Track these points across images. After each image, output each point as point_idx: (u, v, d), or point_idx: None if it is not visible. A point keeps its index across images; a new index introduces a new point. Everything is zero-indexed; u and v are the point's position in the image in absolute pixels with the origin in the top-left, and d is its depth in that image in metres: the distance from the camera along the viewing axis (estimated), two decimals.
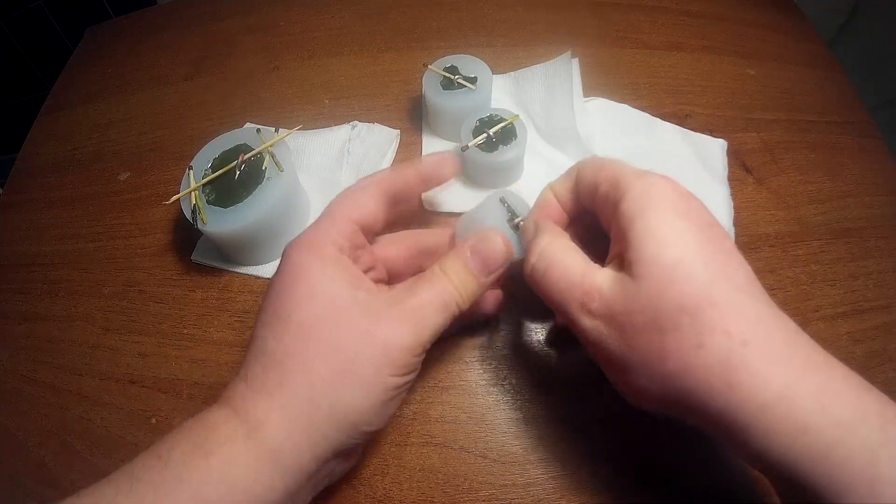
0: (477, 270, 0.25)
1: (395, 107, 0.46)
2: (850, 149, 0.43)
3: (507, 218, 0.29)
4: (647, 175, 0.23)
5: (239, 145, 0.36)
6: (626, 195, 0.22)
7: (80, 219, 0.43)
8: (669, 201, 0.21)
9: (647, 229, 0.21)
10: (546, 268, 0.24)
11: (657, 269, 0.20)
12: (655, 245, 0.20)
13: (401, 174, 0.29)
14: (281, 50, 0.52)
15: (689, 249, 0.20)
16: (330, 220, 0.26)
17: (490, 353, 0.34)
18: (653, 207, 0.21)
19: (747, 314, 0.19)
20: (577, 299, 0.22)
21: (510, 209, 0.29)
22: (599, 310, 0.22)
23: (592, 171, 0.25)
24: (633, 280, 0.21)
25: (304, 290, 0.23)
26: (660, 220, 0.21)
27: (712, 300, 0.19)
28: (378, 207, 0.27)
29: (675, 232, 0.21)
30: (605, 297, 0.21)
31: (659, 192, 0.22)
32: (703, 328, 0.19)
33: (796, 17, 0.53)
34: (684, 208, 0.21)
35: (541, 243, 0.25)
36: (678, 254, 0.20)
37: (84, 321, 0.38)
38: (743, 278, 0.20)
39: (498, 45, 0.50)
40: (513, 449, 0.30)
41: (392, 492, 0.29)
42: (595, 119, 0.43)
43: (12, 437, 0.34)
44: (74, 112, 0.52)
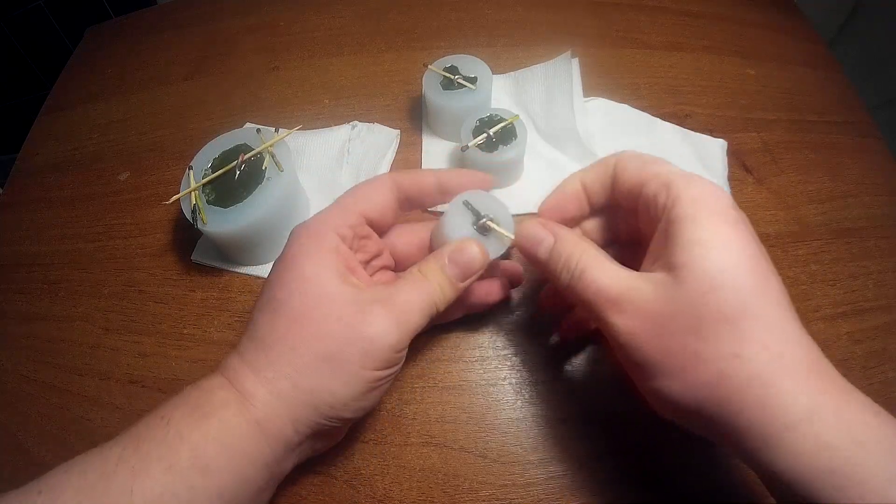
0: (454, 277, 0.26)
1: (395, 107, 0.46)
2: (850, 149, 0.43)
3: (472, 221, 0.28)
4: (698, 180, 0.23)
5: (239, 145, 0.36)
6: (680, 199, 0.22)
7: (80, 219, 0.43)
8: (721, 210, 0.22)
9: (698, 235, 0.21)
10: (582, 274, 0.24)
11: (704, 274, 0.20)
12: (704, 251, 0.21)
13: (419, 178, 0.29)
14: (281, 50, 0.52)
15: (735, 260, 0.20)
16: (338, 208, 0.27)
17: (490, 353, 0.34)
18: (704, 214, 0.21)
19: (784, 330, 0.20)
20: (611, 300, 0.22)
21: (474, 211, 0.28)
22: (634, 311, 0.22)
23: (637, 167, 0.25)
24: (676, 283, 0.21)
25: (297, 280, 0.24)
26: (710, 228, 0.21)
27: (754, 312, 0.20)
28: (388, 204, 0.28)
29: (723, 241, 0.21)
30: (643, 298, 0.22)
31: (711, 199, 0.22)
32: (742, 338, 0.19)
33: (796, 17, 0.53)
34: (733, 219, 0.21)
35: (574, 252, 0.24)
36: (725, 263, 0.20)
37: (84, 321, 0.38)
38: (780, 295, 0.21)
39: (498, 45, 0.50)
40: (513, 449, 0.30)
41: (392, 492, 0.29)
42: (595, 119, 0.43)
43: (12, 437, 0.34)
44: (74, 112, 0.52)
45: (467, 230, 0.28)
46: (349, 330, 0.23)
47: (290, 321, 0.24)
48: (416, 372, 0.33)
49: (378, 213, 0.28)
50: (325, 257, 0.25)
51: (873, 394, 0.20)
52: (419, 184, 0.29)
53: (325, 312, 0.23)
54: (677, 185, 0.22)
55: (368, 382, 0.24)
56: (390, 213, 0.29)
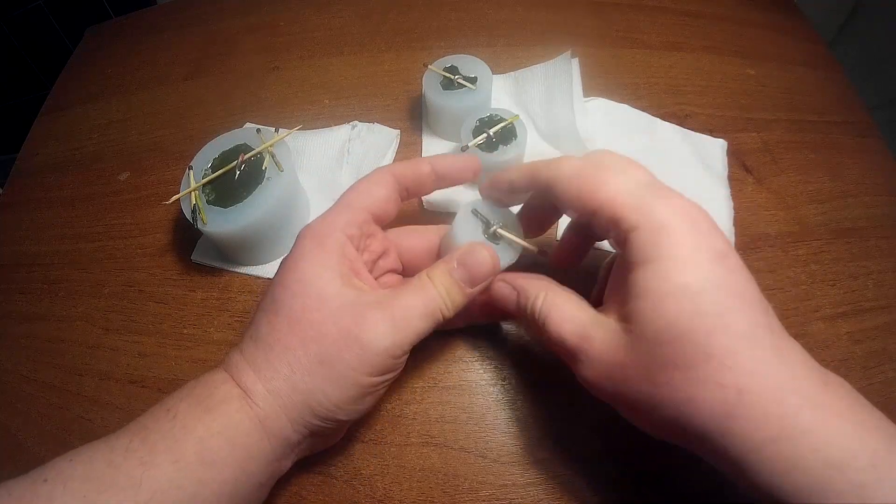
0: (463, 282, 0.26)
1: (395, 107, 0.46)
2: (850, 149, 0.43)
3: (483, 229, 0.28)
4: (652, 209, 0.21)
5: (239, 145, 0.36)
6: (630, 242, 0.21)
7: (80, 219, 0.43)
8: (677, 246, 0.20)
9: (648, 284, 0.20)
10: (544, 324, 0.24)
11: (652, 328, 0.20)
12: (653, 304, 0.20)
13: (416, 168, 0.29)
14: (281, 50, 0.52)
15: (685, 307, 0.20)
16: (344, 207, 0.27)
17: (490, 353, 0.34)
18: (656, 258, 0.20)
19: (742, 364, 0.19)
20: (569, 351, 0.23)
21: (483, 219, 0.28)
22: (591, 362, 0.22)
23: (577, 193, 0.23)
24: (628, 335, 0.21)
25: (299, 283, 0.25)
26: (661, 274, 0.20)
27: (708, 355, 0.19)
28: (391, 198, 0.29)
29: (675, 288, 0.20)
30: (598, 349, 0.22)
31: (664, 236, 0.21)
32: (696, 383, 0.19)
33: (796, 17, 0.53)
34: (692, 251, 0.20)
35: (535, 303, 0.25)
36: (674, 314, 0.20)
37: (84, 321, 0.38)
38: (745, 323, 0.20)
39: (498, 45, 0.50)
40: (513, 449, 0.30)
41: (392, 492, 0.29)
42: (595, 119, 0.43)
43: (12, 437, 0.34)
44: (74, 112, 0.52)
45: (478, 239, 0.28)
46: (345, 333, 0.23)
47: (290, 322, 0.24)
48: (416, 372, 0.33)
49: (382, 208, 0.28)
50: (328, 259, 0.25)
51: (873, 394, 0.20)
52: (416, 173, 0.29)
53: (323, 315, 0.24)
54: (626, 221, 0.21)
55: (363, 387, 0.24)
56: (393, 206, 0.29)
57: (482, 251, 0.26)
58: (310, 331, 0.23)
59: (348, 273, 0.25)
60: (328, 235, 0.26)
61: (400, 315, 0.24)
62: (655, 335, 0.20)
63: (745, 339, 0.19)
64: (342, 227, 0.26)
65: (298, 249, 0.26)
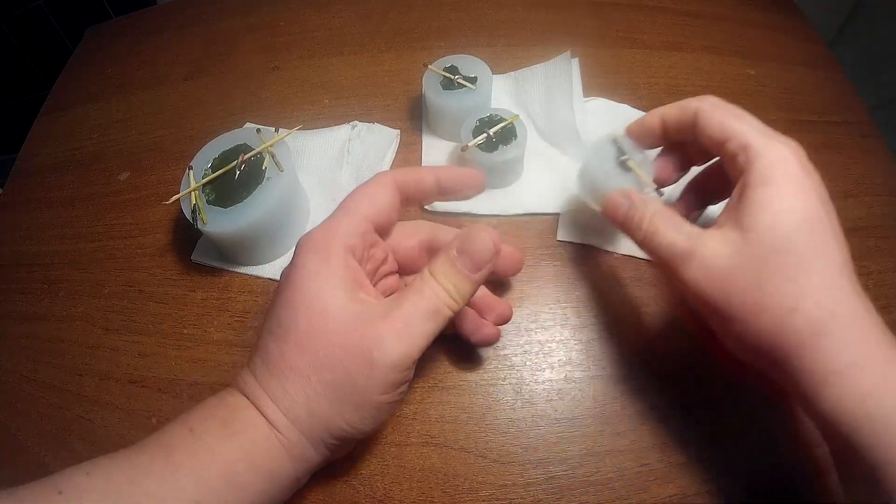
0: (467, 268, 0.25)
1: (395, 107, 0.46)
2: (850, 149, 0.43)
3: (615, 156, 0.32)
4: (773, 143, 0.24)
5: (239, 145, 0.36)
6: (755, 163, 0.24)
7: (80, 219, 0.43)
8: (791, 174, 0.24)
9: (766, 198, 0.23)
10: (654, 232, 0.26)
11: (768, 234, 0.23)
12: (770, 213, 0.23)
13: (418, 177, 0.29)
14: (281, 50, 0.52)
15: (797, 225, 0.23)
16: (346, 215, 0.26)
17: (490, 353, 0.34)
18: (775, 178, 0.23)
19: (838, 289, 0.22)
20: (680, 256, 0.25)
21: (619, 149, 0.32)
22: (702, 263, 0.24)
23: (719, 121, 0.26)
24: (744, 243, 0.23)
25: (303, 304, 0.24)
26: (779, 191, 0.23)
27: (810, 273, 0.22)
28: (392, 205, 0.28)
29: (789, 205, 0.23)
30: (710, 253, 0.24)
31: (783, 164, 0.24)
32: (799, 294, 0.22)
33: (796, 17, 0.53)
34: (803, 184, 0.23)
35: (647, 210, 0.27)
36: (788, 228, 0.23)
37: (84, 321, 0.38)
38: (840, 258, 0.23)
39: (498, 45, 0.50)
40: (513, 449, 0.30)
41: (392, 492, 0.29)
42: (595, 119, 0.43)
43: (12, 437, 0.34)
44: (74, 112, 0.52)
45: (608, 165, 0.32)
46: (354, 354, 0.23)
47: (299, 348, 0.24)
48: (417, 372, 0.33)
49: (384, 216, 0.27)
50: (331, 274, 0.24)
51: None
52: (419, 182, 0.29)
53: (330, 338, 0.23)
54: (754, 149, 0.24)
55: (379, 406, 0.24)
56: (394, 214, 0.28)
57: (480, 233, 0.25)
58: (320, 355, 0.23)
59: (352, 286, 0.25)
60: (330, 247, 0.25)
61: (403, 323, 0.23)
62: (771, 243, 0.22)
63: (839, 271, 0.22)
64: (343, 238, 0.25)
65: (300, 263, 0.25)
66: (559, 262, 0.37)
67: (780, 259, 0.22)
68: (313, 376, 0.23)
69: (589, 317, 0.35)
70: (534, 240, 0.38)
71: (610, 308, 0.35)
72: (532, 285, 0.36)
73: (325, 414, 0.23)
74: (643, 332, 0.34)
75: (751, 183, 0.24)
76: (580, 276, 0.36)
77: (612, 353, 0.33)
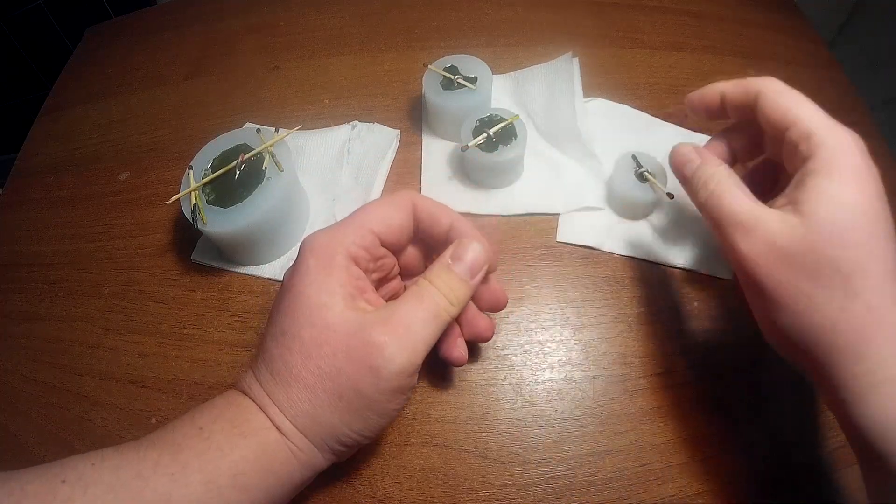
0: (463, 273, 0.26)
1: (395, 107, 0.46)
2: None
3: (634, 168, 0.37)
4: (837, 134, 0.24)
5: (239, 145, 0.36)
6: (817, 153, 0.23)
7: (80, 219, 0.43)
8: (854, 167, 0.23)
9: (829, 192, 0.23)
10: (720, 196, 0.26)
11: (829, 228, 0.22)
12: (832, 205, 0.22)
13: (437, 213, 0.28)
14: (281, 50, 0.52)
15: (857, 221, 0.22)
16: (353, 226, 0.26)
17: (490, 353, 0.34)
18: (838, 169, 0.23)
19: (889, 294, 0.21)
20: (742, 226, 0.24)
21: (638, 162, 0.37)
22: (760, 238, 0.23)
23: (783, 106, 0.26)
24: (804, 228, 0.22)
25: (305, 312, 0.24)
26: (841, 184, 0.23)
27: (865, 271, 0.21)
28: (405, 228, 0.28)
29: (850, 201, 0.22)
30: (770, 229, 0.23)
31: (846, 155, 0.23)
32: (851, 294, 0.21)
33: (796, 17, 0.53)
34: (865, 179, 0.23)
35: (717, 173, 0.27)
36: (849, 223, 0.22)
37: (84, 321, 0.38)
38: (893, 261, 0.22)
39: (498, 45, 0.50)
40: (513, 449, 0.30)
41: (392, 492, 0.29)
42: (595, 119, 0.43)
43: (12, 437, 0.34)
44: (74, 112, 0.52)
45: (630, 177, 0.36)
46: (357, 365, 0.23)
47: (302, 358, 0.24)
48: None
49: (395, 236, 0.27)
50: (332, 282, 0.24)
51: None
52: (435, 218, 0.28)
53: (333, 347, 0.23)
54: (818, 138, 0.24)
55: (383, 412, 0.24)
56: (406, 237, 0.28)
57: (472, 242, 0.26)
58: (323, 365, 0.23)
59: (353, 293, 0.25)
60: (332, 254, 0.25)
61: (403, 329, 0.24)
62: (830, 235, 0.22)
63: (891, 274, 0.22)
64: (346, 246, 0.25)
65: (302, 269, 0.25)
66: (559, 262, 0.37)
67: (836, 253, 0.22)
68: (318, 386, 0.23)
69: (589, 317, 0.35)
70: (534, 240, 0.38)
71: (610, 308, 0.35)
72: (532, 285, 0.36)
73: (330, 422, 0.24)
74: (643, 333, 0.34)
75: (813, 171, 0.23)
76: (580, 276, 0.36)
77: (612, 353, 0.33)
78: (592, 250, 0.37)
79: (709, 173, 0.27)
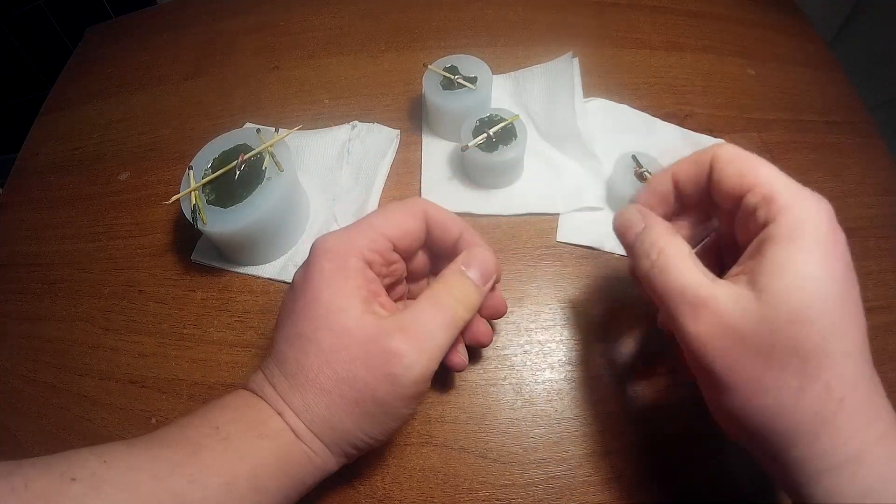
0: (476, 280, 0.26)
1: (395, 107, 0.46)
2: (850, 149, 0.43)
3: (633, 170, 0.37)
4: (803, 198, 0.22)
5: (239, 145, 0.36)
6: (778, 219, 0.21)
7: (80, 219, 0.43)
8: (820, 237, 0.21)
9: (790, 263, 0.20)
10: (664, 266, 0.23)
11: (787, 305, 0.20)
12: (793, 278, 0.20)
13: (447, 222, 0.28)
14: (281, 50, 0.52)
15: (821, 296, 0.20)
16: (367, 229, 0.26)
17: (490, 353, 0.34)
18: (802, 240, 0.20)
19: (850, 374, 0.20)
20: (689, 304, 0.22)
21: (637, 162, 0.37)
22: (711, 321, 0.21)
23: (737, 171, 0.23)
24: (759, 304, 0.20)
25: (322, 315, 0.24)
26: (804, 252, 0.20)
27: (826, 352, 0.20)
28: (418, 234, 0.27)
29: (814, 275, 0.20)
30: (721, 309, 0.21)
31: (812, 224, 0.21)
32: (809, 375, 0.19)
33: (796, 17, 0.53)
34: (831, 248, 0.21)
35: (659, 242, 0.24)
36: (811, 298, 0.20)
37: (84, 321, 0.38)
38: (858, 337, 0.20)
39: (498, 45, 0.50)
40: (513, 449, 0.30)
41: (392, 492, 0.29)
42: (595, 119, 0.43)
43: (12, 437, 0.34)
44: (74, 112, 0.52)
45: (629, 176, 0.37)
46: (375, 372, 0.23)
47: (319, 363, 0.23)
48: None
49: (407, 242, 0.27)
50: (349, 285, 0.24)
51: None
52: (446, 226, 0.28)
53: (351, 353, 0.23)
54: (779, 202, 0.21)
55: (398, 417, 0.24)
56: (417, 244, 0.28)
57: (484, 251, 0.27)
58: (340, 370, 0.23)
59: (368, 297, 0.25)
60: (347, 258, 0.25)
61: (422, 337, 0.24)
62: (788, 312, 0.20)
63: (857, 350, 0.20)
64: (360, 249, 0.25)
65: (317, 269, 0.25)
66: (559, 262, 0.37)
67: (794, 331, 0.20)
68: (334, 391, 0.23)
69: (589, 317, 0.35)
70: (534, 240, 0.38)
71: (610, 308, 0.35)
72: (532, 285, 0.36)
73: (346, 427, 0.23)
74: (643, 333, 0.34)
75: (773, 238, 0.21)
76: (580, 276, 0.36)
77: (612, 353, 0.33)
78: (592, 250, 0.37)
79: (652, 241, 0.24)
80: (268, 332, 0.35)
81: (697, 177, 0.25)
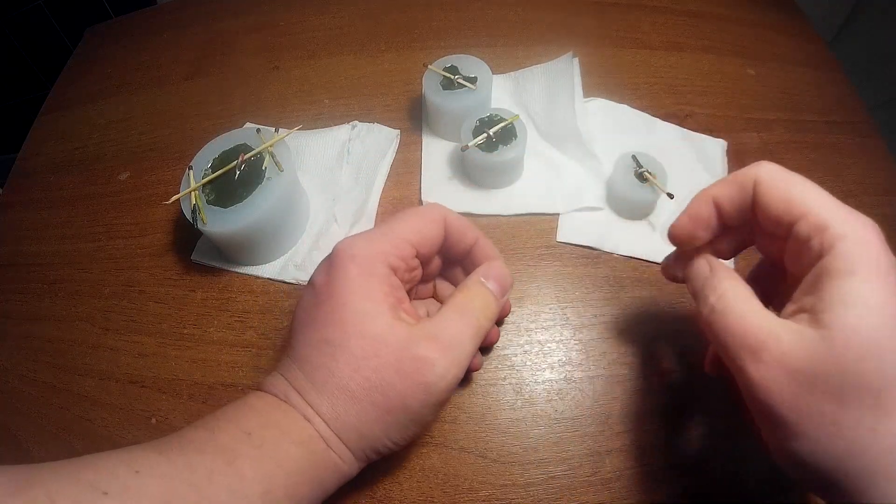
0: (496, 291, 0.27)
1: (395, 107, 0.46)
2: (850, 149, 0.43)
3: (635, 168, 0.37)
4: (855, 223, 0.21)
5: (239, 145, 0.36)
6: (835, 249, 0.20)
7: (80, 219, 0.43)
8: (880, 266, 0.20)
9: (853, 296, 0.19)
10: (724, 309, 0.22)
11: (855, 341, 0.19)
12: (860, 311, 0.19)
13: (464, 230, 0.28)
14: (281, 50, 0.52)
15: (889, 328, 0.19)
16: (391, 236, 0.26)
17: (490, 353, 0.34)
18: (861, 272, 0.19)
19: None
20: (751, 347, 0.21)
21: (637, 162, 0.37)
22: (774, 363, 0.20)
23: (784, 196, 0.22)
24: (824, 343, 0.19)
25: (353, 322, 0.24)
26: (867, 282, 0.19)
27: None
28: (437, 241, 0.28)
29: (879, 306, 0.19)
30: (785, 350, 0.20)
31: (868, 252, 0.20)
32: (882, 412, 0.19)
33: (796, 17, 0.53)
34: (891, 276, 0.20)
35: (720, 286, 0.23)
36: (879, 332, 0.19)
37: (84, 321, 0.38)
38: None
39: (498, 45, 0.50)
40: (513, 449, 0.30)
41: (392, 492, 0.29)
42: (595, 119, 0.43)
43: (12, 437, 0.34)
44: (74, 112, 0.52)
45: (629, 177, 0.37)
46: (407, 380, 0.23)
47: (350, 370, 0.23)
48: None
49: (428, 248, 0.27)
50: (376, 292, 0.24)
51: None
52: (462, 233, 0.28)
53: (383, 361, 0.23)
54: (833, 231, 0.20)
55: (424, 424, 0.25)
56: (436, 249, 0.28)
57: (500, 264, 0.28)
58: (372, 377, 0.23)
59: (395, 305, 0.25)
60: (373, 264, 0.25)
61: (453, 346, 0.24)
62: (858, 349, 0.19)
63: None
64: (385, 255, 0.25)
65: (342, 274, 0.24)
66: (559, 262, 0.37)
67: (866, 367, 0.19)
68: (365, 399, 0.23)
69: (589, 317, 0.35)
70: (534, 240, 0.38)
71: (610, 308, 0.35)
72: (532, 285, 0.36)
73: (374, 434, 0.24)
74: (643, 333, 0.34)
75: (831, 272, 0.20)
76: (580, 276, 0.36)
77: (612, 353, 0.33)
78: (592, 250, 0.37)
79: (712, 284, 0.23)
80: (268, 333, 0.35)
81: (742, 202, 0.24)
